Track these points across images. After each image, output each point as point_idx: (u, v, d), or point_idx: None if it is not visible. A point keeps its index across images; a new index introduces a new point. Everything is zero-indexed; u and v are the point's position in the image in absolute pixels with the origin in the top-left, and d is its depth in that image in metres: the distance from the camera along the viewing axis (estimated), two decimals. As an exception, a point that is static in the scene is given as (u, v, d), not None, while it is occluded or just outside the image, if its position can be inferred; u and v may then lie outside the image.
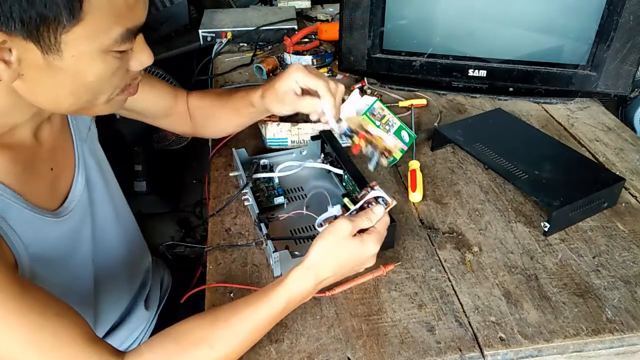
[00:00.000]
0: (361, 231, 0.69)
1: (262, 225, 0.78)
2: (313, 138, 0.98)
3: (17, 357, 0.54)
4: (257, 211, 0.81)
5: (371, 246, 0.68)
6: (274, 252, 0.73)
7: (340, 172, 0.90)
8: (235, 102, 0.92)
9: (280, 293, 0.64)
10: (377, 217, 0.69)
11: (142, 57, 0.61)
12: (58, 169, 0.71)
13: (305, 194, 0.91)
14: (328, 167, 0.91)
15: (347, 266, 0.68)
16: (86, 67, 0.55)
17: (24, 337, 0.53)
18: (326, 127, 0.89)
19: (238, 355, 0.63)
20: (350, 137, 0.81)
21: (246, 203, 0.86)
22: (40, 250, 0.64)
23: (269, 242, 0.75)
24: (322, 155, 0.97)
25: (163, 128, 0.98)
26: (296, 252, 0.76)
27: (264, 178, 0.91)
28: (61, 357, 0.55)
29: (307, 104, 0.79)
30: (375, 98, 1.03)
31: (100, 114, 0.66)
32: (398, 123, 0.99)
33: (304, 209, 0.85)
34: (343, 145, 0.86)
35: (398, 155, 0.98)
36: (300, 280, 0.65)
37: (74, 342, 0.56)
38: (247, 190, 0.85)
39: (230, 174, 0.94)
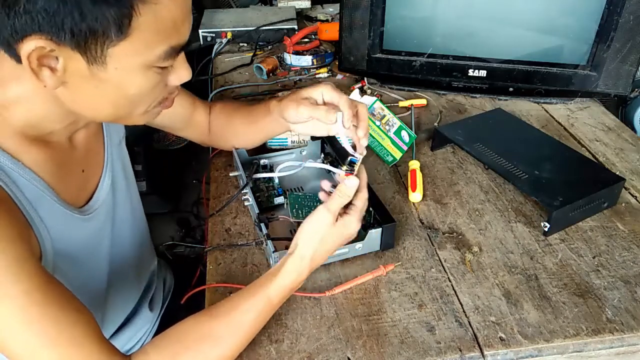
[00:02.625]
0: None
1: (262, 225, 0.78)
2: (313, 138, 0.98)
3: (32, 348, 0.54)
4: (257, 211, 0.81)
5: (354, 225, 0.70)
6: (274, 252, 0.73)
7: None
8: (254, 112, 0.91)
9: (277, 284, 0.66)
10: (351, 189, 0.69)
11: (181, 73, 0.62)
12: (89, 171, 0.73)
13: (305, 194, 0.91)
14: (328, 167, 0.91)
15: (335, 247, 0.71)
16: (128, 81, 0.57)
17: (42, 329, 0.53)
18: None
19: (241, 347, 0.64)
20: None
21: (246, 203, 0.86)
22: (64, 247, 0.65)
23: (269, 242, 0.75)
24: (322, 155, 0.98)
25: (186, 138, 0.98)
26: (296, 252, 0.76)
27: (264, 178, 0.91)
28: (75, 353, 0.55)
29: (322, 110, 0.76)
30: (375, 98, 1.03)
31: (135, 124, 0.67)
32: (398, 123, 0.99)
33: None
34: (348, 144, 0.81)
35: (398, 155, 0.98)
36: (295, 272, 0.67)
37: (89, 340, 0.56)
38: (247, 190, 0.85)
39: (230, 174, 0.94)
